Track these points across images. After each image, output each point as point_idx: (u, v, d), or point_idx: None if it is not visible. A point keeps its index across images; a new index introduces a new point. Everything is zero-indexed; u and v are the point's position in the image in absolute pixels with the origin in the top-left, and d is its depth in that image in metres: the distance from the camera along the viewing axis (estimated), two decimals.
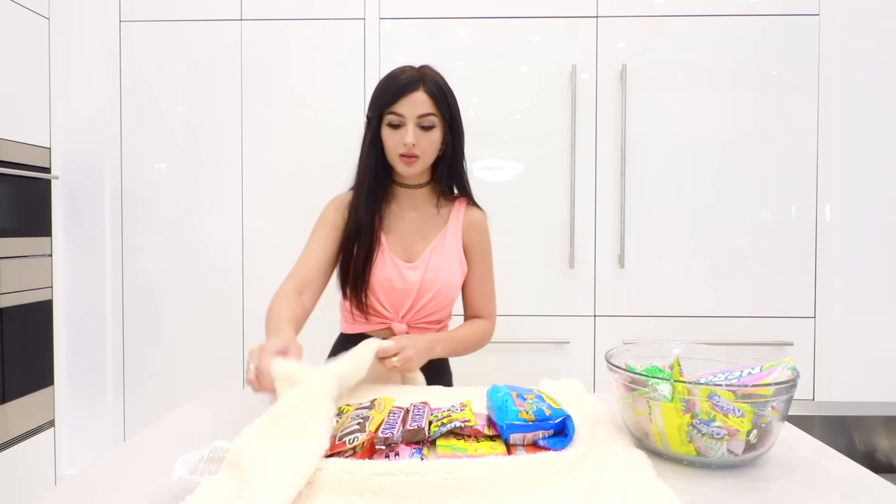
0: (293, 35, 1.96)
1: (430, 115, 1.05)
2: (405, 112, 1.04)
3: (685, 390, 0.69)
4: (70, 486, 0.67)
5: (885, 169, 1.91)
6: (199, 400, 1.01)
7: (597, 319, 1.95)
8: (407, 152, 1.06)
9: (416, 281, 1.10)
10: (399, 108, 1.04)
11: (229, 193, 1.99)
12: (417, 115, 1.04)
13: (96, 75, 1.98)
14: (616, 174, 1.93)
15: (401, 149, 1.06)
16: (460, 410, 0.77)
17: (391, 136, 1.07)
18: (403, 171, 1.09)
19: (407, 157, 1.06)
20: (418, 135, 1.05)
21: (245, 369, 0.84)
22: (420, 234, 1.15)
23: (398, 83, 1.05)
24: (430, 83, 1.06)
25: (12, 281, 1.73)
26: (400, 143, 1.05)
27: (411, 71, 1.07)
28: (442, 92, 1.07)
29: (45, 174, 1.85)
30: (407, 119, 1.05)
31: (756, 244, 1.93)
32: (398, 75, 1.07)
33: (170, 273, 2.00)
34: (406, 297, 1.11)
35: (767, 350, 1.90)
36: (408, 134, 1.04)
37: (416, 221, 1.15)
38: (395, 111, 1.05)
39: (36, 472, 1.83)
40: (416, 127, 1.05)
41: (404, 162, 1.07)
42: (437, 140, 1.08)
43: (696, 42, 1.91)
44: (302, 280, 1.09)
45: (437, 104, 1.06)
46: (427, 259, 1.12)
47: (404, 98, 1.04)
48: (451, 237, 1.15)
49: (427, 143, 1.06)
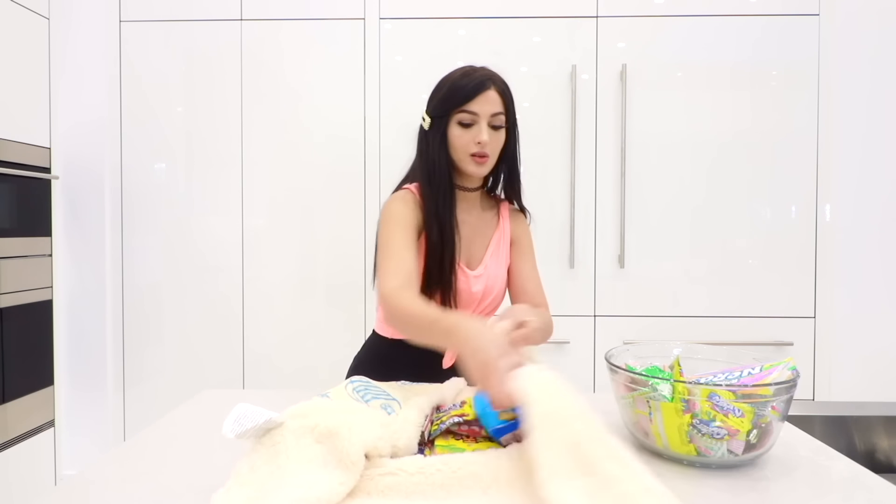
0: (293, 35, 1.96)
1: (500, 115, 1.03)
2: (479, 110, 1.01)
3: (685, 390, 0.69)
4: (70, 486, 0.67)
5: (885, 169, 1.91)
6: (199, 400, 1.01)
7: (597, 319, 1.95)
8: (479, 151, 1.02)
9: (479, 290, 1.09)
10: (473, 106, 1.01)
11: (229, 193, 1.99)
12: (490, 113, 1.02)
13: (96, 75, 1.98)
14: (616, 174, 1.93)
15: (473, 148, 1.02)
16: (459, 407, 0.77)
17: (462, 136, 1.03)
18: (474, 171, 1.05)
19: (479, 157, 1.03)
20: (489, 134, 1.02)
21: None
22: (479, 238, 1.12)
23: (472, 81, 1.02)
24: (500, 83, 1.04)
25: (12, 281, 1.73)
26: (472, 141, 1.02)
27: (482, 70, 1.05)
28: (509, 94, 1.06)
29: (45, 174, 1.85)
30: (480, 117, 1.02)
31: (756, 244, 1.93)
32: (470, 74, 1.04)
33: (170, 273, 2.00)
34: (469, 304, 1.09)
35: (767, 350, 1.90)
36: (482, 132, 1.01)
37: (473, 226, 1.12)
38: (468, 109, 1.01)
39: (36, 472, 1.83)
40: (487, 126, 1.02)
41: (476, 162, 1.03)
42: (503, 141, 1.06)
43: (697, 42, 1.91)
44: (406, 277, 0.94)
45: (506, 105, 1.04)
46: (487, 266, 1.10)
47: (479, 96, 1.01)
48: (503, 236, 1.14)
49: (496, 143, 1.04)
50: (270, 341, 1.98)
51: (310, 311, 1.97)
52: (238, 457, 0.76)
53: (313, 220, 1.98)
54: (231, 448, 0.79)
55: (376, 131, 1.94)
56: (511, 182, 1.13)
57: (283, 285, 1.98)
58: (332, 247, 1.97)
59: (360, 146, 1.94)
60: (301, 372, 1.96)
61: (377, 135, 1.94)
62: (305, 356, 1.96)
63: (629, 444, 0.79)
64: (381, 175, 1.94)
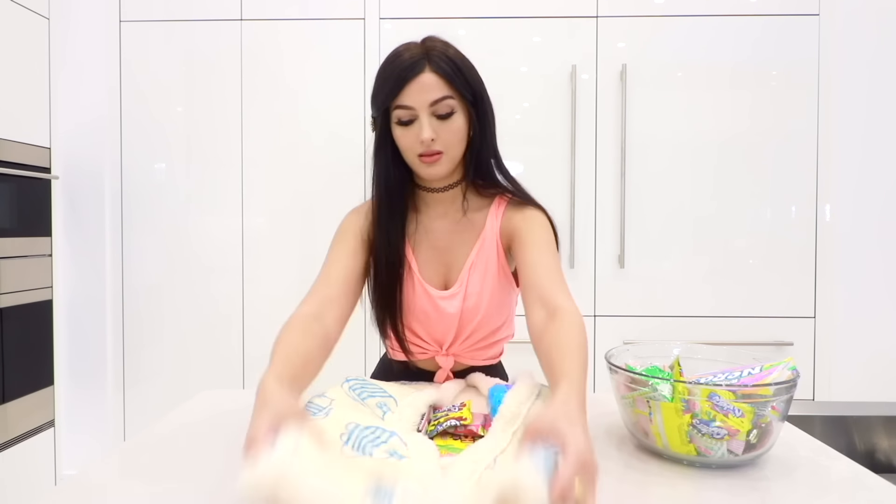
0: (293, 35, 1.96)
1: (445, 100, 0.83)
2: (413, 102, 0.83)
3: (685, 390, 0.69)
4: (70, 486, 0.67)
5: (885, 169, 1.91)
6: (199, 399, 1.00)
7: (597, 319, 1.95)
8: (426, 150, 0.84)
9: (454, 312, 0.91)
10: (405, 98, 0.83)
11: (229, 193, 1.98)
12: (429, 102, 0.83)
13: (96, 75, 1.98)
14: (616, 174, 1.93)
15: (418, 148, 0.85)
16: (458, 409, 0.77)
17: (404, 135, 0.85)
18: (427, 173, 0.88)
19: (428, 157, 0.85)
20: (436, 126, 0.83)
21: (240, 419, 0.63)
22: (454, 248, 0.93)
23: (399, 67, 0.83)
24: (438, 59, 0.83)
25: (12, 281, 1.73)
26: (416, 141, 0.84)
27: (414, 48, 0.85)
28: (455, 66, 0.84)
29: (45, 174, 1.85)
30: (418, 110, 0.83)
31: (756, 244, 1.93)
32: (399, 55, 0.85)
33: (170, 273, 2.00)
34: (448, 330, 0.93)
35: (767, 350, 1.90)
36: (423, 128, 0.83)
37: (446, 233, 0.94)
38: (401, 104, 0.83)
39: (36, 472, 1.83)
40: (430, 117, 0.83)
41: (426, 163, 0.86)
42: (460, 128, 0.86)
43: (697, 42, 1.91)
44: (322, 301, 0.85)
45: (452, 84, 0.83)
46: (465, 283, 0.91)
47: (409, 85, 0.82)
48: (489, 242, 0.92)
49: (448, 133, 0.85)
50: (270, 342, 1.96)
51: None
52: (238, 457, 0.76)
53: (313, 221, 1.98)
54: (231, 448, 0.79)
55: None
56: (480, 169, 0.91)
57: (283, 285, 1.98)
58: None
59: (361, 147, 1.94)
60: None
61: None
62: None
63: (629, 443, 0.79)
64: None
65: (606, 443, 0.80)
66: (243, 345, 1.99)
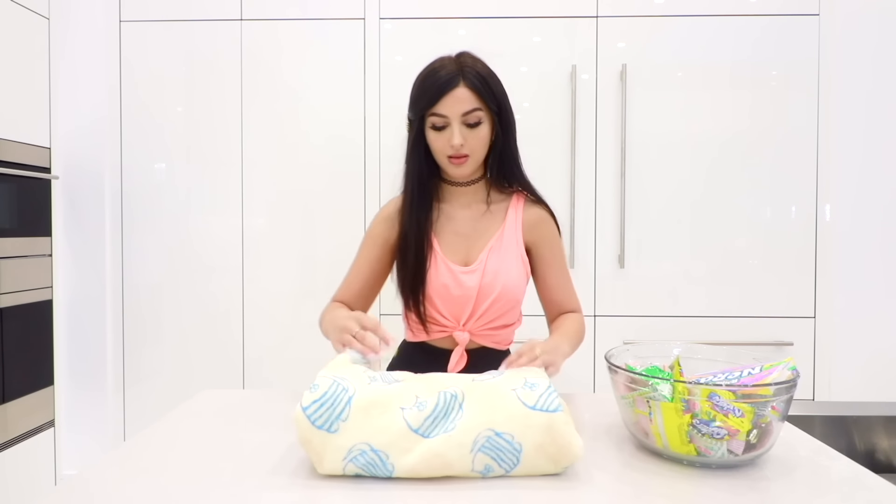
0: (293, 35, 1.96)
1: (475, 112, 0.97)
2: (448, 112, 0.97)
3: (685, 390, 0.69)
4: (70, 486, 0.67)
5: (885, 169, 1.91)
6: (199, 400, 1.01)
7: (597, 319, 1.95)
8: (455, 154, 0.99)
9: (473, 286, 1.02)
10: (441, 108, 0.97)
11: (229, 193, 1.98)
12: (461, 113, 0.97)
13: (96, 75, 1.98)
14: (616, 174, 1.93)
15: (448, 150, 0.99)
16: None
17: (436, 139, 1.00)
18: (454, 172, 1.03)
19: (456, 159, 1.00)
20: (465, 133, 0.98)
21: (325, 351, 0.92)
22: (476, 234, 1.07)
23: (437, 82, 0.97)
24: (471, 76, 0.97)
25: (12, 281, 1.73)
26: (447, 144, 0.98)
27: (449, 65, 0.99)
28: (485, 82, 0.98)
29: (45, 174, 1.85)
30: (451, 119, 0.97)
31: (756, 244, 1.93)
32: (437, 71, 0.99)
33: (169, 273, 2.00)
34: (465, 304, 1.03)
35: (767, 350, 1.90)
36: (454, 135, 0.97)
37: (469, 221, 1.07)
38: (436, 112, 0.97)
39: (36, 472, 1.83)
40: (461, 126, 0.97)
41: (454, 164, 1.00)
42: (485, 135, 1.00)
43: (696, 42, 1.91)
44: (345, 302, 1.08)
45: (482, 97, 0.97)
46: (485, 262, 1.03)
47: (445, 97, 0.96)
48: (509, 235, 1.06)
49: (475, 140, 0.99)
50: (270, 341, 1.98)
51: (310, 311, 1.96)
52: (238, 457, 0.76)
53: (313, 220, 1.98)
54: (231, 448, 0.79)
55: (376, 131, 1.94)
56: (505, 171, 1.07)
57: (283, 285, 1.98)
58: (332, 247, 1.97)
59: (360, 146, 1.94)
60: (301, 372, 1.95)
61: (377, 135, 1.94)
62: (305, 356, 1.96)
63: (629, 443, 0.79)
64: (381, 175, 1.94)
65: (606, 443, 0.80)
66: (243, 345, 1.99)
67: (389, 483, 0.67)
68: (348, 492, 0.66)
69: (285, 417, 0.92)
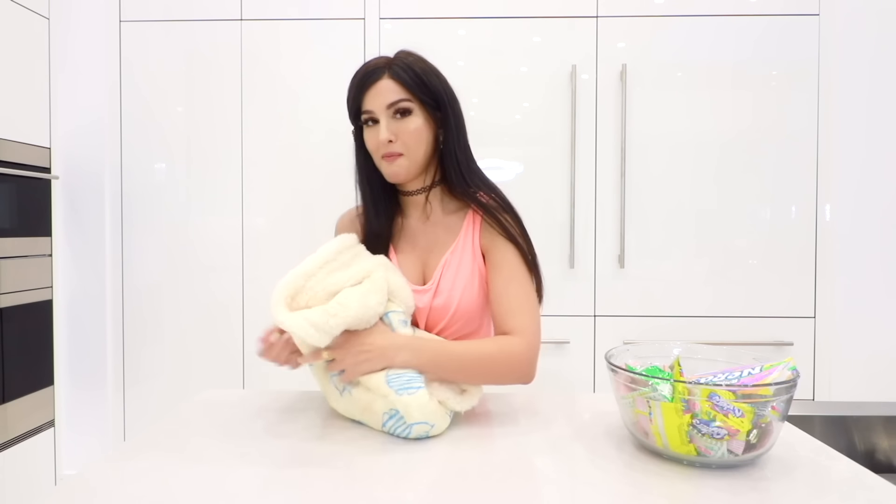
0: (293, 35, 1.96)
1: (401, 102, 0.90)
2: (372, 106, 0.91)
3: (685, 390, 0.69)
4: (70, 486, 0.67)
5: (886, 169, 1.91)
6: (199, 399, 1.01)
7: (597, 319, 1.95)
8: (386, 151, 0.92)
9: (424, 307, 0.96)
10: (367, 103, 0.92)
11: (229, 193, 1.98)
12: (386, 104, 0.90)
13: (96, 75, 1.98)
14: (616, 174, 1.93)
15: (382, 149, 0.92)
16: None
17: (369, 138, 0.94)
18: (389, 172, 0.94)
19: (388, 157, 0.92)
20: (395, 127, 0.91)
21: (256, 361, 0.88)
22: (430, 248, 0.99)
23: (358, 76, 0.93)
24: (399, 67, 0.91)
25: (12, 281, 1.73)
26: (378, 142, 0.92)
27: (378, 61, 0.94)
28: (415, 74, 0.91)
29: (45, 174, 1.85)
30: (377, 113, 0.91)
31: (756, 244, 1.93)
32: (364, 66, 0.94)
33: (170, 273, 2.00)
34: (422, 321, 0.98)
35: (767, 350, 1.90)
36: (381, 129, 0.91)
37: (426, 235, 1.00)
38: (364, 109, 0.92)
39: (36, 472, 1.83)
40: (389, 119, 0.91)
41: (386, 161, 0.93)
42: (418, 129, 0.92)
43: (697, 42, 1.91)
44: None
45: (409, 89, 0.90)
46: (437, 279, 0.96)
47: (369, 91, 0.91)
48: (465, 246, 0.97)
49: (407, 135, 0.91)
50: None
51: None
52: (237, 458, 0.76)
53: (313, 220, 1.98)
54: (231, 448, 0.79)
55: None
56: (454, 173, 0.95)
57: None
58: None
59: None
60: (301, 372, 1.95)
61: None
62: None
63: (629, 443, 0.79)
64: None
65: (606, 443, 0.80)
66: (243, 344, 1.99)
67: (389, 483, 0.67)
68: (349, 491, 0.66)
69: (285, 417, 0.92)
